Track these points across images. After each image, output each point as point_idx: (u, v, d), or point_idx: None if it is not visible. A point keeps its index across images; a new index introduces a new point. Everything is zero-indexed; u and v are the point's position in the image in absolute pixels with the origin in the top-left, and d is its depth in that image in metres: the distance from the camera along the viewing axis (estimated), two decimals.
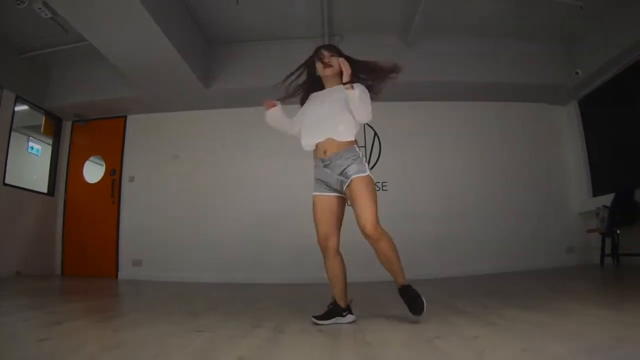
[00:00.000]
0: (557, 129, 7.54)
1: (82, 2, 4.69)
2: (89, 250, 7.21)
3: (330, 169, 2.68)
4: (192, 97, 7.12)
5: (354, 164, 2.64)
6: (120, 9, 4.76)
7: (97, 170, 7.67)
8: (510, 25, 6.57)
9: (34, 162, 8.44)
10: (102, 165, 7.64)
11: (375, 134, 7.01)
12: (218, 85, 6.92)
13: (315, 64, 2.91)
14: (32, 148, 8.72)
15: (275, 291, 5.23)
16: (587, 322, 2.31)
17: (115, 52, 5.83)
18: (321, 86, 2.96)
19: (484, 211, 6.98)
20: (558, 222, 7.08)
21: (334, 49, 2.92)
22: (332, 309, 2.65)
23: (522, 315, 2.58)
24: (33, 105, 7.13)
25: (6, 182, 6.46)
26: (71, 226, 7.39)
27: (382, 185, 6.71)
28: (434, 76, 6.73)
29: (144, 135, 7.55)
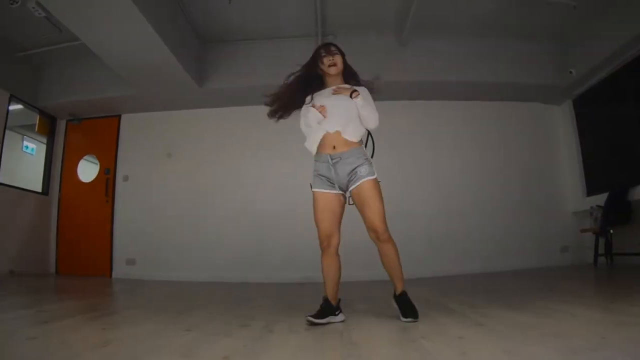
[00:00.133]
0: (551, 128, 7.55)
1: (74, 2, 4.68)
2: (83, 249, 7.20)
3: (339, 166, 2.69)
4: (186, 96, 7.10)
5: (366, 164, 2.68)
6: (113, 8, 4.74)
7: (91, 170, 7.66)
8: (504, 25, 6.57)
9: (29, 161, 8.43)
10: (96, 164, 7.62)
11: (369, 133, 6.90)
12: (212, 84, 6.91)
13: (317, 61, 2.89)
14: (27, 147, 8.71)
15: (269, 290, 5.22)
16: (573, 322, 2.31)
17: (108, 52, 5.82)
18: (320, 84, 2.94)
19: (478, 210, 6.98)
20: (552, 222, 7.09)
21: (337, 48, 2.93)
22: (325, 306, 2.64)
23: (509, 316, 2.58)
24: (27, 105, 7.12)
25: (1, 181, 6.46)
26: (65, 225, 7.38)
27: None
28: (428, 75, 6.75)
29: (138, 135, 7.54)
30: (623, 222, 5.89)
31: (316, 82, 2.94)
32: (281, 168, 7.11)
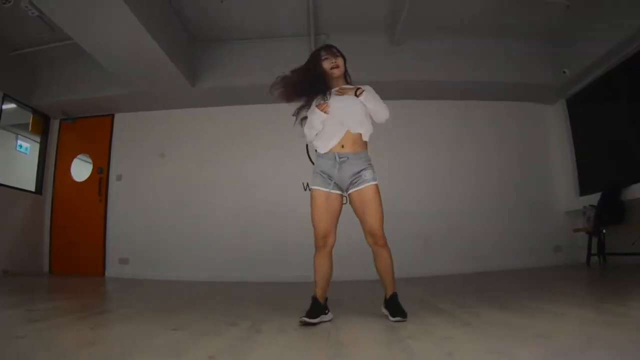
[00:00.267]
0: (544, 128, 7.55)
1: (66, 0, 4.66)
2: (76, 248, 7.18)
3: (345, 165, 2.69)
4: (179, 96, 7.09)
5: (370, 169, 2.70)
6: (104, 7, 4.72)
7: (84, 169, 7.63)
8: (497, 25, 6.58)
9: (23, 161, 8.40)
10: (89, 163, 7.59)
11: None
12: (205, 84, 6.89)
13: (319, 62, 2.87)
14: (21, 146, 8.67)
15: (262, 290, 5.21)
16: (562, 323, 2.32)
17: (100, 51, 5.79)
18: (323, 87, 2.88)
19: (472, 210, 6.97)
20: (545, 221, 7.10)
21: (338, 50, 2.93)
22: (316, 305, 2.62)
23: (498, 316, 2.58)
24: (21, 104, 7.09)
25: None
26: (59, 224, 7.36)
27: None
28: (421, 75, 6.74)
29: (132, 134, 7.51)
30: (616, 222, 5.90)
31: (318, 85, 2.87)
32: (276, 167, 7.12)
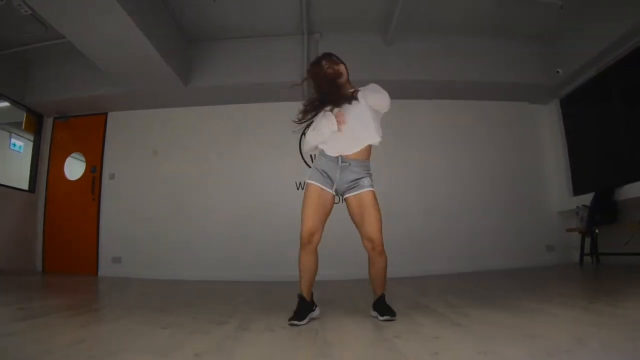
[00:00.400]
0: (538, 128, 7.55)
1: None
2: (69, 247, 7.15)
3: (346, 171, 2.69)
4: (172, 95, 7.07)
5: (369, 177, 2.72)
6: (96, 6, 4.71)
7: (78, 167, 7.60)
8: (491, 24, 6.59)
9: (17, 159, 8.37)
10: (82, 161, 7.56)
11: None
12: (197, 83, 6.86)
13: (324, 71, 2.82)
14: (15, 145, 8.64)
15: (255, 289, 5.20)
16: (551, 323, 2.32)
17: (93, 49, 5.77)
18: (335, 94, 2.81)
19: (465, 210, 6.98)
20: (538, 221, 7.10)
21: (337, 58, 2.91)
22: (303, 304, 2.62)
23: (487, 316, 2.58)
24: (14, 102, 7.06)
25: None
26: (52, 223, 7.33)
27: None
28: (414, 75, 6.74)
29: (125, 133, 7.49)
30: (609, 222, 5.91)
31: (330, 94, 2.81)
32: (270, 165, 7.11)
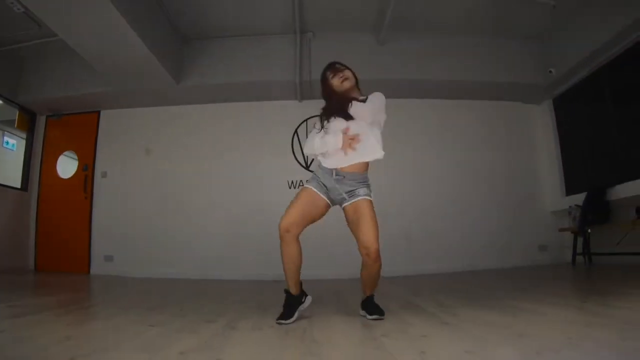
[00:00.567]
0: (531, 127, 7.58)
1: None
2: (61, 245, 7.13)
3: (341, 183, 2.68)
4: (164, 93, 7.06)
5: (364, 187, 2.70)
6: (89, 5, 4.70)
7: (70, 165, 7.58)
8: (484, 24, 6.62)
9: (10, 157, 8.34)
10: (75, 159, 7.54)
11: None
12: (190, 82, 6.86)
13: (328, 84, 2.86)
14: (7, 143, 8.62)
15: (247, 287, 5.20)
16: (541, 322, 2.31)
17: (85, 47, 5.74)
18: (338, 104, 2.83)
19: (458, 209, 7.00)
20: (531, 221, 7.13)
21: (341, 64, 2.92)
22: (291, 301, 2.61)
23: (477, 315, 2.58)
24: (7, 100, 7.03)
25: None
26: (44, 222, 7.30)
27: None
28: (407, 74, 6.76)
29: (117, 131, 7.47)
30: (601, 222, 5.94)
31: (336, 105, 2.84)
32: (262, 164, 7.13)
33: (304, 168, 7.04)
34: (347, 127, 2.72)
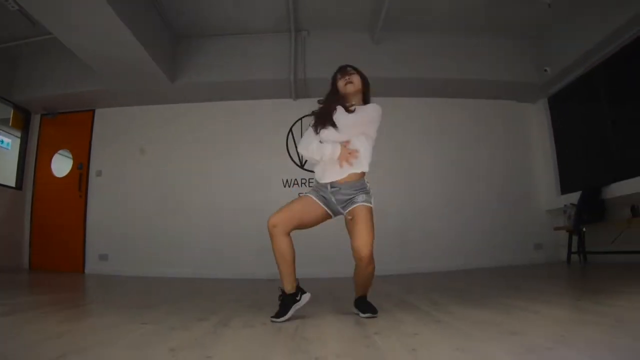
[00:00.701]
0: (526, 126, 7.59)
1: None
2: (56, 244, 7.12)
3: (338, 194, 2.68)
4: (159, 92, 7.04)
5: (362, 193, 2.67)
6: (83, 4, 4.69)
7: (65, 164, 7.56)
8: (479, 22, 6.62)
9: (5, 156, 8.30)
10: (69, 158, 7.53)
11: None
12: (184, 80, 6.84)
13: (335, 82, 2.85)
14: (2, 141, 8.57)
15: (241, 286, 5.20)
16: (535, 320, 2.31)
17: (79, 45, 5.71)
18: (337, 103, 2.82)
19: (453, 208, 7.01)
20: (526, 219, 7.14)
21: (353, 68, 2.89)
22: (285, 301, 2.60)
23: (469, 313, 2.59)
24: (1, 98, 7.02)
25: None
26: (39, 220, 7.29)
27: None
28: (402, 72, 6.77)
29: (112, 130, 7.46)
30: (596, 221, 5.96)
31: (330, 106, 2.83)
32: (256, 163, 7.13)
33: (298, 167, 7.04)
34: (347, 141, 2.71)
